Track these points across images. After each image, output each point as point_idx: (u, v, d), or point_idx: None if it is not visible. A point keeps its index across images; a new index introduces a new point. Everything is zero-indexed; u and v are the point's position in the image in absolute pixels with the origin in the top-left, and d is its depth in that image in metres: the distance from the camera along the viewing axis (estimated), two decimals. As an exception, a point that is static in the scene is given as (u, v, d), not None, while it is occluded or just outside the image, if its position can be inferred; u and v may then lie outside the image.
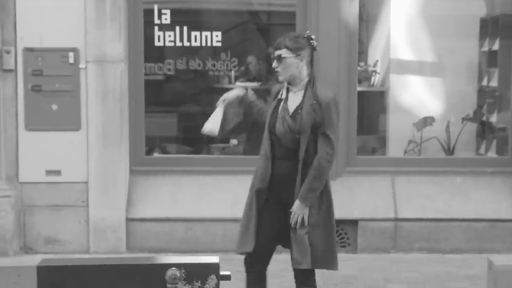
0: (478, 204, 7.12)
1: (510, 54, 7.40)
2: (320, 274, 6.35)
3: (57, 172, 6.95)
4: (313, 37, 4.59)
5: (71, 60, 6.90)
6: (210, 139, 7.94)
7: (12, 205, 6.86)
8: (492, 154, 7.91)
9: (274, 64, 4.57)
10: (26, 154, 6.94)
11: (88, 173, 6.96)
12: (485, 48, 8.14)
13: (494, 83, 7.96)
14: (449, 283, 6.17)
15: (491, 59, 8.13)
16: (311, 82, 4.55)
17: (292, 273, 4.86)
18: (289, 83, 4.60)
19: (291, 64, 4.52)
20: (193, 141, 8.12)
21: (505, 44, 7.62)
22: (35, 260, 3.19)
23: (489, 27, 8.11)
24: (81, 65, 6.90)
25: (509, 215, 7.08)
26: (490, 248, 6.98)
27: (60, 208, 7.00)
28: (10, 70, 6.86)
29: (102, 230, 6.99)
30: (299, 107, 4.53)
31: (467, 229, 7.07)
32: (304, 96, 4.53)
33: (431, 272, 6.44)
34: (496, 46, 7.92)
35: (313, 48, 4.58)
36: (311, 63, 4.58)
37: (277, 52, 4.54)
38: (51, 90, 6.91)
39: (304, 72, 4.55)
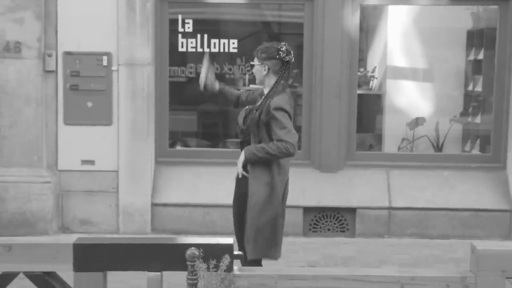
0: (462, 195, 7.09)
1: (493, 63, 7.35)
2: (321, 255, 6.38)
3: (91, 162, 6.97)
4: (282, 49, 4.41)
5: (104, 63, 6.91)
6: (226, 135, 7.97)
7: (52, 190, 6.89)
8: (476, 151, 7.87)
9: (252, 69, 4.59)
10: (64, 145, 6.97)
11: (118, 163, 6.97)
12: (471, 57, 8.09)
13: (478, 88, 7.92)
14: (436, 264, 6.16)
15: (476, 67, 8.08)
16: (272, 89, 4.43)
17: (295, 254, 4.88)
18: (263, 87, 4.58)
19: (257, 72, 4.50)
20: (211, 136, 8.13)
21: (489, 54, 7.57)
22: (72, 238, 3.21)
23: (475, 38, 8.06)
24: (114, 68, 6.92)
25: (489, 205, 7.05)
26: (473, 234, 6.96)
27: (93, 193, 7.02)
28: (52, 71, 6.89)
29: (130, 213, 7.01)
30: (255, 108, 4.45)
31: (452, 217, 7.05)
32: (264, 100, 4.45)
33: (420, 255, 6.43)
34: (481, 56, 7.88)
35: (281, 59, 4.42)
36: (280, 72, 4.43)
37: (253, 61, 4.55)
38: (87, 89, 6.93)
39: (271, 79, 4.46)
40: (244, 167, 4.43)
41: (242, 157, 4.42)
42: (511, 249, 3.11)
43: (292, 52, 4.47)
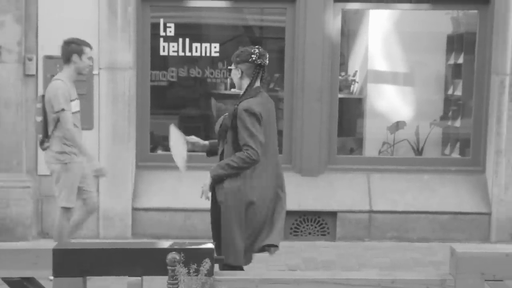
0: (442, 199, 7.13)
1: (473, 67, 7.41)
2: (302, 258, 6.39)
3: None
4: (255, 52, 4.39)
5: (85, 67, 6.86)
6: (208, 139, 7.92)
7: (31, 195, 6.83)
8: (455, 155, 7.91)
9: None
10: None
11: (99, 167, 6.92)
12: (451, 61, 8.14)
13: (458, 92, 7.97)
14: (416, 267, 6.18)
15: (456, 71, 8.13)
16: (244, 93, 4.42)
17: (276, 258, 4.86)
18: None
19: (234, 75, 4.49)
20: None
21: (468, 59, 7.62)
22: (51, 244, 3.18)
23: (455, 43, 8.11)
24: (95, 72, 6.88)
25: (469, 209, 7.09)
26: (453, 237, 7.00)
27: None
28: (32, 75, 6.84)
29: (110, 218, 6.97)
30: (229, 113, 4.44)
31: (432, 220, 7.08)
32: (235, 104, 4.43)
33: (400, 258, 6.45)
34: (460, 60, 7.93)
35: (253, 62, 4.39)
36: (252, 75, 4.40)
37: (230, 65, 4.56)
38: (67, 93, 6.88)
39: (245, 83, 4.44)
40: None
41: (208, 180, 4.35)
42: (490, 251, 3.14)
43: (266, 56, 4.43)
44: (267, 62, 4.46)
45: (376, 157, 7.85)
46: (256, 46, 4.47)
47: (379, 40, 8.41)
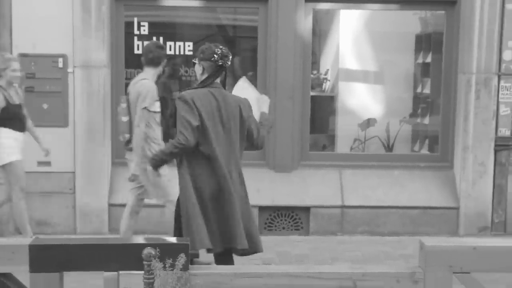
0: (412, 194, 7.19)
1: (440, 66, 7.47)
2: (276, 253, 6.40)
3: (48, 163, 6.86)
4: (218, 52, 4.42)
5: (60, 65, 6.82)
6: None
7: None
8: (424, 151, 7.98)
9: None
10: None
11: (75, 164, 6.89)
12: (420, 60, 8.21)
13: (427, 90, 8.03)
14: (387, 261, 6.22)
15: (424, 70, 8.19)
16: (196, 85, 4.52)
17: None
18: None
19: (196, 70, 4.56)
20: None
21: (436, 58, 7.69)
22: (27, 239, 3.15)
23: (423, 42, 8.18)
24: (69, 70, 6.83)
25: (438, 203, 7.16)
26: (422, 231, 7.07)
27: (50, 194, 6.92)
28: (7, 73, 6.76)
29: (87, 214, 6.93)
30: None
31: (403, 215, 7.14)
32: None
33: (371, 252, 6.49)
34: (429, 59, 7.99)
35: (215, 62, 4.43)
36: (212, 73, 4.45)
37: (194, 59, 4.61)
38: (42, 91, 6.83)
39: (203, 78, 4.50)
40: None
41: (149, 167, 4.56)
42: (458, 245, 3.17)
43: (229, 57, 4.47)
44: (229, 63, 4.48)
45: (348, 153, 7.89)
46: (220, 46, 4.49)
47: (349, 40, 8.45)
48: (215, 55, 4.42)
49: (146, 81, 5.67)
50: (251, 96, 4.75)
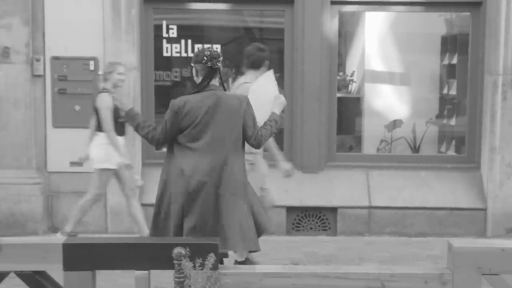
0: (439, 195, 7.13)
1: (466, 67, 7.40)
2: (304, 253, 6.39)
3: (80, 164, 6.92)
4: (207, 55, 4.33)
5: (91, 68, 6.88)
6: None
7: (41, 191, 6.84)
8: (451, 152, 7.91)
9: None
10: (53, 147, 6.93)
11: (106, 165, 6.93)
12: (445, 62, 8.14)
13: (453, 92, 7.97)
14: (415, 262, 6.17)
15: (450, 71, 8.13)
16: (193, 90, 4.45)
17: (278, 253, 4.84)
18: None
19: (193, 73, 4.46)
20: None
21: (462, 59, 7.62)
22: (61, 238, 3.19)
23: (449, 44, 8.11)
24: (100, 72, 6.88)
25: (465, 204, 7.09)
26: (450, 232, 7.00)
27: (82, 194, 6.93)
28: (40, 76, 6.84)
29: (118, 213, 6.97)
30: None
31: (430, 216, 7.08)
32: None
33: (399, 253, 6.44)
34: (454, 61, 7.92)
35: (204, 64, 4.34)
36: (204, 75, 4.35)
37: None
38: (74, 93, 6.90)
39: (199, 80, 4.40)
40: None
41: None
42: (486, 246, 3.14)
43: (218, 59, 4.34)
44: (219, 65, 4.34)
45: (375, 154, 7.85)
46: (210, 49, 4.39)
47: (375, 41, 8.40)
48: (204, 57, 4.35)
49: (247, 85, 5.62)
50: (270, 92, 4.67)
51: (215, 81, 4.37)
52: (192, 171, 4.17)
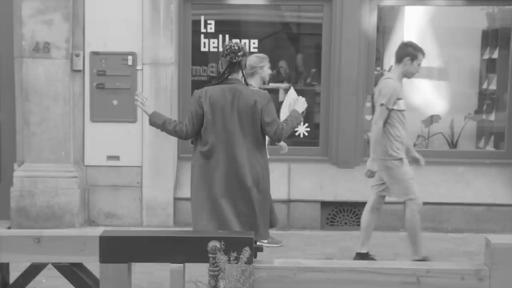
0: (477, 191, 7.03)
1: (507, 62, 7.28)
2: (338, 248, 6.36)
3: (117, 158, 7.00)
4: (226, 49, 4.45)
5: (130, 63, 6.93)
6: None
7: (78, 185, 6.92)
8: (490, 148, 7.80)
9: None
10: (91, 141, 7.00)
11: (143, 159, 6.99)
12: (486, 56, 8.01)
13: (493, 87, 7.84)
14: (451, 257, 6.11)
15: (490, 66, 8.00)
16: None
17: (312, 247, 4.85)
18: None
19: (218, 65, 4.64)
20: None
21: (503, 54, 7.50)
22: (98, 231, 3.22)
23: (490, 38, 7.98)
24: (138, 67, 6.94)
25: (503, 201, 6.98)
26: (487, 228, 6.90)
27: (118, 188, 7.05)
28: (79, 71, 6.92)
29: (153, 207, 7.03)
30: None
31: (467, 212, 6.99)
32: None
33: (435, 248, 6.38)
34: (495, 55, 7.80)
35: (225, 57, 4.47)
36: (226, 68, 4.48)
37: None
38: (112, 88, 6.96)
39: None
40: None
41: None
42: (525, 243, 3.08)
43: (237, 53, 4.42)
44: (238, 59, 4.44)
45: (411, 149, 7.75)
46: (231, 44, 4.49)
47: (414, 36, 8.29)
48: (225, 51, 4.46)
49: (389, 80, 5.62)
50: (292, 96, 4.93)
51: (237, 75, 4.45)
52: (215, 164, 4.37)
